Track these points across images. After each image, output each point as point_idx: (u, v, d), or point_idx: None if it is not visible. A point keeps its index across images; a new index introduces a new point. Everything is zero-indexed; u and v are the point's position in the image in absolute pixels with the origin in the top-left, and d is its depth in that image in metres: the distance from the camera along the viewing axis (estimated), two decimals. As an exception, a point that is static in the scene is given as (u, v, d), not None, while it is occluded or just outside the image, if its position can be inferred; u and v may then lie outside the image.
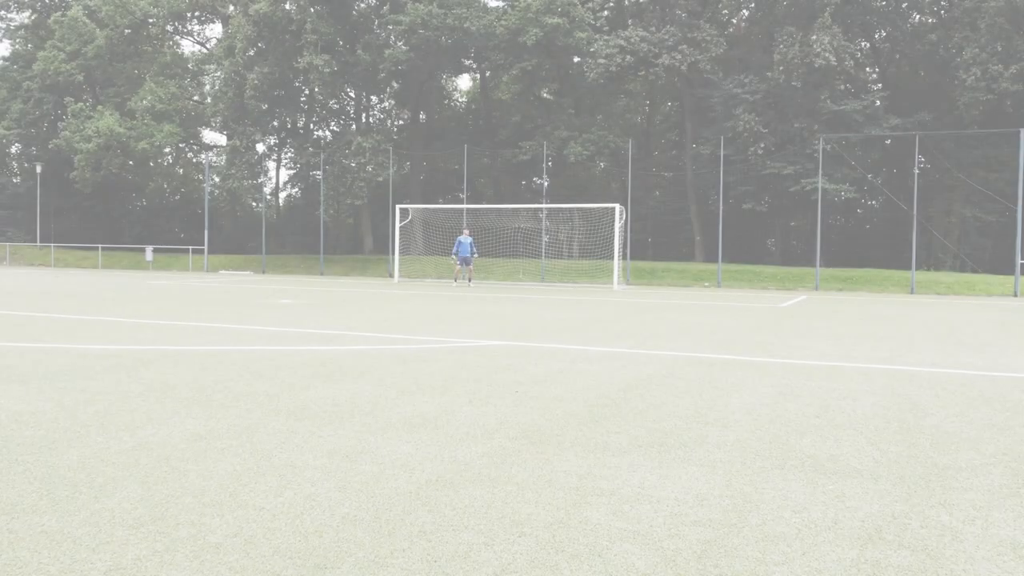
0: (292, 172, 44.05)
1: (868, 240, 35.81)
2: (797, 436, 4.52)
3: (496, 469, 3.73)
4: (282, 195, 48.78)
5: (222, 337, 8.90)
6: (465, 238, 23.28)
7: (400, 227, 25.66)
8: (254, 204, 49.64)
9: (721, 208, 26.31)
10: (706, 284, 27.53)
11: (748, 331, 10.67)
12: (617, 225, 22.66)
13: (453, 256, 23.66)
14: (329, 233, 44.29)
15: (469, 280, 23.63)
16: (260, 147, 39.91)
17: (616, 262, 22.93)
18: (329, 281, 26.73)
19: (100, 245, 40.03)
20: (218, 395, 5.45)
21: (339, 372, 6.50)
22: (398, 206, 25.75)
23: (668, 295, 20.41)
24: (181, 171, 49.82)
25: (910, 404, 5.55)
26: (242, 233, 47.00)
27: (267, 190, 47.35)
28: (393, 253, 25.99)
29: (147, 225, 49.45)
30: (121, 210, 48.43)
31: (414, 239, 27.75)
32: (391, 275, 28.20)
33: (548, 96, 35.63)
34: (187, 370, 6.49)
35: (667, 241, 39.62)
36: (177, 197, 51.99)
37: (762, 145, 29.91)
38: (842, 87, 29.66)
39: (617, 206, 22.91)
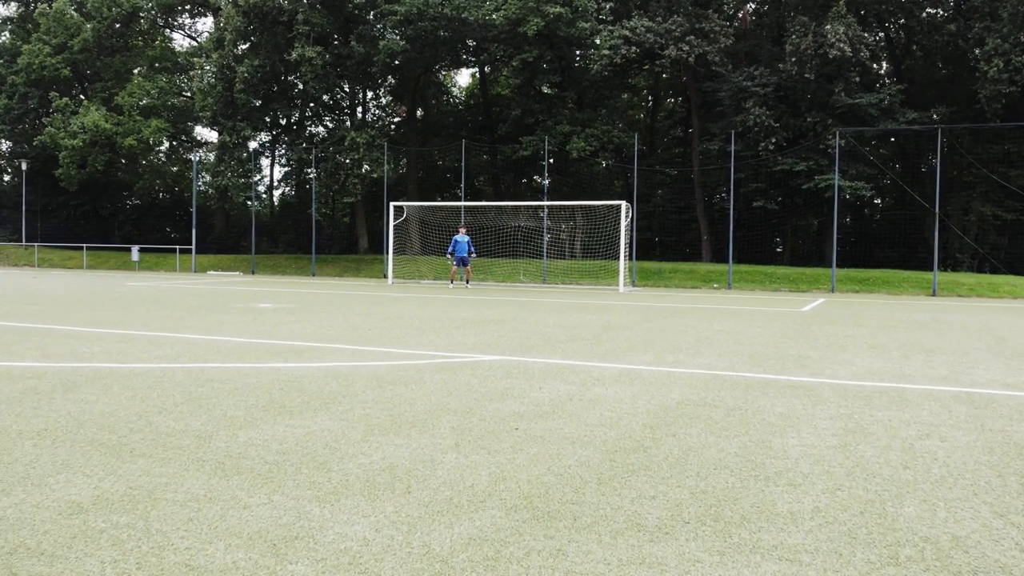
0: (287, 170, 42.85)
1: (879, 240, 34.62)
2: (895, 502, 3.36)
3: (485, 572, 2.57)
4: (276, 193, 47.59)
5: (176, 351, 7.74)
6: (462, 237, 22.04)
7: (394, 226, 24.49)
8: (250, 204, 48.51)
9: (732, 206, 25.13)
10: (715, 285, 26.38)
11: (777, 341, 9.51)
12: (623, 224, 21.50)
13: (449, 256, 22.42)
14: (323, 233, 43.14)
15: (467, 282, 22.42)
16: (252, 144, 38.75)
17: (622, 262, 21.78)
18: (319, 283, 25.57)
19: (85, 245, 38.87)
20: (134, 436, 4.28)
21: (299, 400, 5.33)
22: (392, 204, 24.58)
23: (678, 297, 19.26)
24: (176, 169, 48.65)
25: (1015, 446, 4.39)
26: (235, 232, 45.85)
27: (261, 188, 46.23)
28: (387, 253, 24.79)
29: (137, 224, 48.31)
30: (110, 209, 47.26)
31: (409, 238, 26.58)
32: (386, 276, 27.04)
33: (549, 91, 34.42)
34: (113, 398, 5.33)
35: (673, 241, 38.47)
36: (169, 196, 50.85)
37: (773, 140, 28.72)
38: (857, 79, 28.43)
39: (623, 203, 21.76)
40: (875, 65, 29.12)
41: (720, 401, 5.54)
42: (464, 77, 48.43)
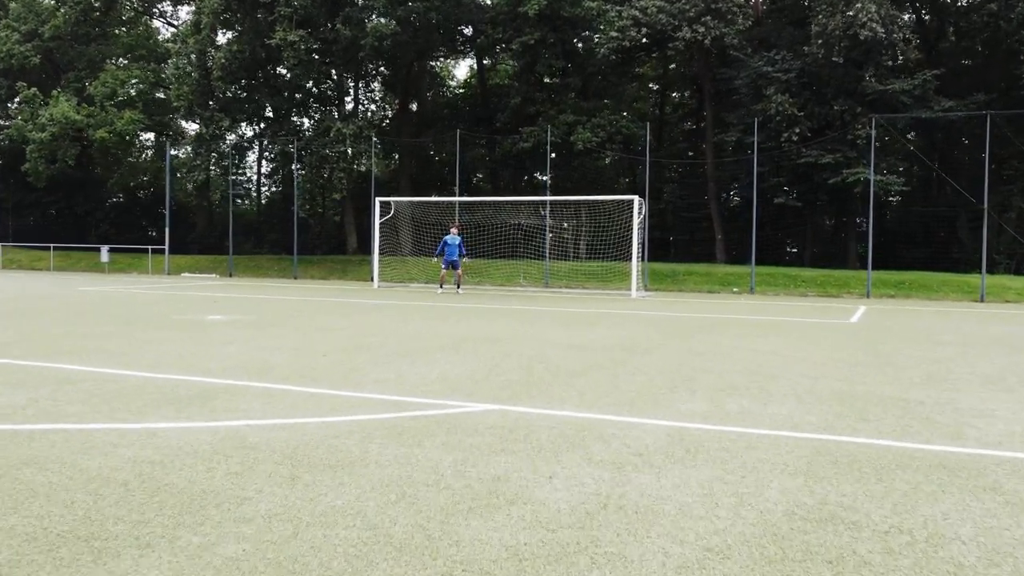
0: (273, 165, 40.60)
1: (904, 239, 32.39)
2: None
3: None
4: (262, 190, 45.34)
5: (34, 396, 5.54)
6: (452, 237, 19.81)
7: (381, 224, 22.30)
8: (233, 200, 46.23)
9: (755, 202, 22.94)
10: (735, 290, 24.20)
11: (851, 370, 7.32)
12: (636, 221, 19.32)
13: (436, 258, 20.20)
14: (310, 232, 40.96)
15: (458, 287, 20.22)
16: (231, 137, 36.56)
17: (635, 264, 19.61)
18: (299, 287, 23.39)
19: (52, 245, 36.69)
20: None
21: (123, 520, 3.13)
22: (378, 199, 22.36)
23: (699, 305, 17.07)
24: (158, 164, 46.36)
25: None
26: (218, 232, 43.58)
27: (245, 184, 44.02)
28: (372, 255, 22.60)
29: (117, 224, 46.09)
30: (87, 207, 45.02)
31: (398, 238, 24.38)
32: (372, 280, 24.85)
33: (551, 81, 32.16)
34: None
35: (684, 240, 36.26)
36: (151, 193, 48.62)
37: (797, 130, 26.50)
38: (889, 63, 26.21)
39: (636, 198, 19.58)
40: (906, 47, 26.86)
41: (854, 504, 3.35)
42: (462, 70, 46.25)
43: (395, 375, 6.68)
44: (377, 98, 41.65)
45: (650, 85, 39.33)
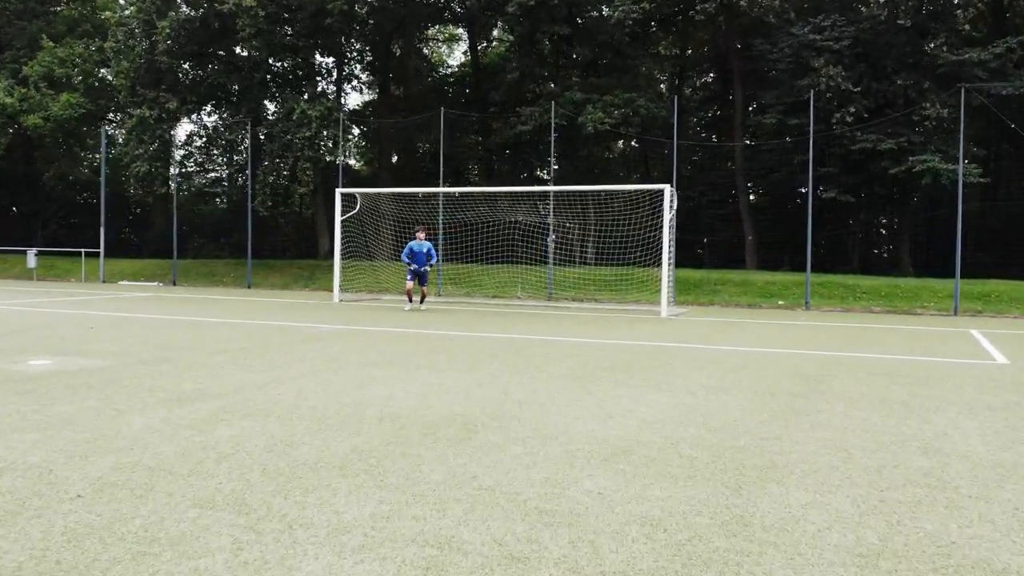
0: (227, 155, 36.39)
1: (985, 240, 28.12)
2: None
3: None
4: (223, 185, 41.03)
5: None
6: (419, 243, 15.75)
7: (343, 222, 18.16)
8: (218, 201, 42.11)
9: (811, 193, 18.82)
10: (781, 303, 20.09)
11: None
12: (667, 216, 15.20)
13: (404, 262, 15.91)
14: (279, 233, 36.85)
15: (421, 301, 16.05)
16: (188, 126, 32.46)
17: (665, 273, 15.49)
18: (245, 299, 19.25)
19: (-26, 248, 32.55)
20: None
21: None
22: (339, 191, 18.19)
23: (757, 328, 12.93)
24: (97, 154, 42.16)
25: None
26: (179, 232, 39.36)
27: (204, 179, 39.79)
28: (335, 260, 18.39)
29: (68, 225, 41.90)
30: (33, 206, 40.80)
31: (365, 239, 20.23)
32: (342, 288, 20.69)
33: (555, 53, 27.90)
34: None
35: (704, 240, 32.11)
36: (107, 190, 44.36)
37: (852, 110, 22.39)
38: (966, 28, 22.10)
39: (667, 187, 15.44)
40: (979, 10, 22.85)
41: None
42: (455, 60, 42.03)
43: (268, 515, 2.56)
44: (356, 81, 37.53)
45: (666, 65, 35.18)
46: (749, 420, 5.41)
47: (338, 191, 18.05)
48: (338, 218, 17.82)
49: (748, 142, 26.93)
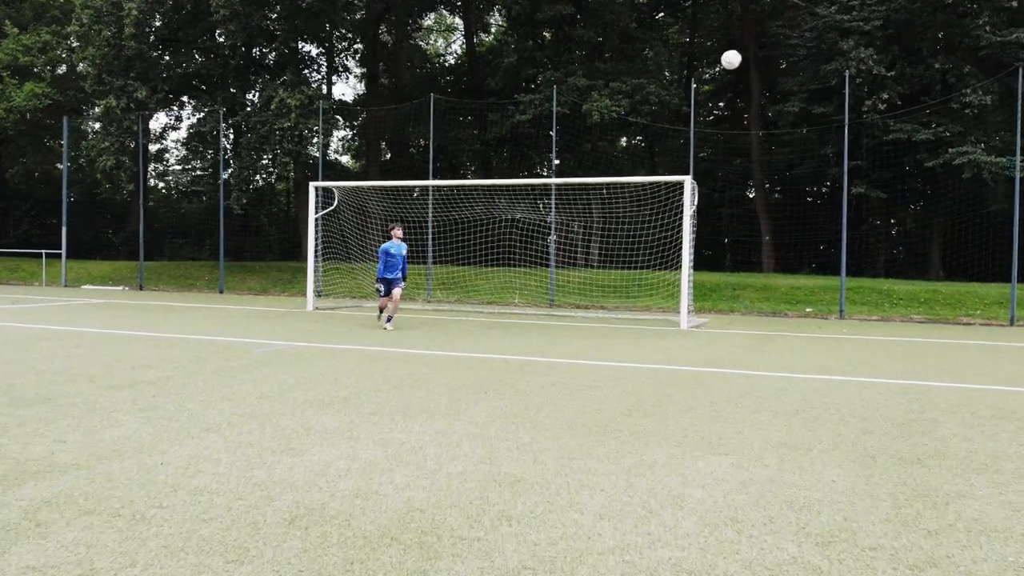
0: (201, 149, 34.41)
1: (992, 240, 26.18)
2: None
3: None
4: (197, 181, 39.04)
5: None
6: (396, 245, 12.69)
7: (318, 218, 16.28)
8: (203, 200, 40.05)
9: (845, 185, 16.92)
10: (808, 310, 18.22)
11: None
12: (688, 212, 13.32)
13: (379, 275, 12.73)
14: (262, 233, 34.95)
15: (388, 319, 12.68)
16: (162, 118, 30.59)
17: (686, 278, 13.61)
18: (212, 306, 17.36)
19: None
20: None
21: None
22: (312, 184, 16.28)
23: (793, 342, 11.05)
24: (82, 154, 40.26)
25: None
26: (154, 231, 37.45)
27: (180, 174, 37.91)
28: (308, 263, 16.49)
29: (42, 224, 39.97)
30: (1, 204, 38.87)
31: (344, 239, 18.35)
32: (318, 295, 18.83)
33: (556, 38, 25.98)
34: None
35: (717, 240, 30.20)
36: (86, 188, 42.47)
37: (885, 96, 20.51)
38: (1010, 4, 20.19)
39: (687, 179, 13.56)
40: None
41: None
42: (452, 56, 40.10)
43: None
44: (347, 73, 35.66)
45: (674, 54, 33.29)
46: (866, 516, 3.53)
47: (312, 185, 16.15)
48: (311, 215, 15.92)
49: (772, 131, 24.98)
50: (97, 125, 25.67)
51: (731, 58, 12.78)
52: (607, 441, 4.91)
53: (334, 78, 34.69)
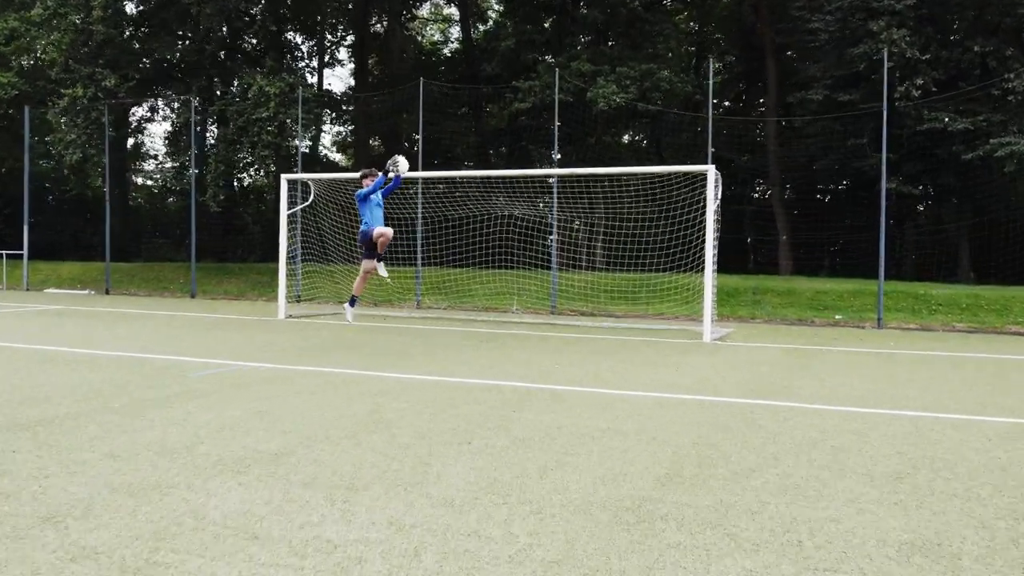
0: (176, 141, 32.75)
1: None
2: None
3: None
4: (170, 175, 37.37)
5: None
6: (375, 193, 10.23)
7: (291, 215, 14.64)
8: (202, 195, 38.35)
9: (884, 179, 15.29)
10: (838, 317, 16.59)
11: None
12: (711, 207, 11.70)
13: (363, 242, 10.54)
14: (244, 232, 33.32)
15: (351, 304, 11.03)
16: (139, 110, 28.94)
17: (709, 284, 11.99)
18: (172, 314, 15.72)
19: None
20: None
21: None
22: (285, 176, 14.62)
23: (836, 357, 9.42)
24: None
25: None
26: (130, 232, 35.78)
27: (163, 169, 36.27)
28: (280, 263, 14.84)
29: (13, 223, 38.32)
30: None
31: (321, 238, 16.71)
32: (295, 299, 17.21)
33: (558, 19, 24.27)
34: None
35: (728, 240, 28.52)
36: (66, 185, 40.81)
37: (918, 82, 18.88)
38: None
39: (710, 168, 11.94)
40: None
41: None
42: (448, 50, 38.44)
43: None
44: (338, 65, 34.06)
45: (683, 42, 31.66)
46: None
47: (284, 177, 14.49)
48: (283, 211, 14.27)
49: (798, 115, 23.30)
50: (64, 117, 23.98)
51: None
52: (645, 540, 3.25)
53: (325, 71, 33.15)
